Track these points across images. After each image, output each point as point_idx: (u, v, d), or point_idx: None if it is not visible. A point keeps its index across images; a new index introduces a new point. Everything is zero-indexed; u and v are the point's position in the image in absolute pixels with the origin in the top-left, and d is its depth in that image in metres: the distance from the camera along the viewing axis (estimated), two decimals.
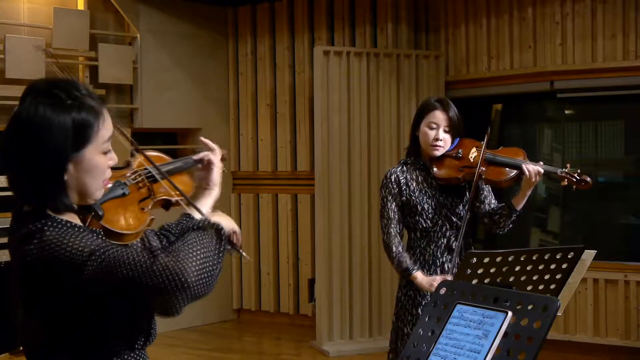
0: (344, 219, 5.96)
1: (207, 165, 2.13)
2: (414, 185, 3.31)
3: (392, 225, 3.28)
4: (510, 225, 3.30)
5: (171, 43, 6.60)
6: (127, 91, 6.50)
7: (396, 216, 3.29)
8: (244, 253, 2.02)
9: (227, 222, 1.89)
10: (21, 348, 1.81)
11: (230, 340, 6.45)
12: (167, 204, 2.04)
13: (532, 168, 3.17)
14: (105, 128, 1.67)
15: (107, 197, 1.80)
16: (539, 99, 6.12)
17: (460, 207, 3.28)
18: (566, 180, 3.21)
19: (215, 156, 2.14)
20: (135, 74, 6.40)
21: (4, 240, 1.72)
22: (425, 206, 3.29)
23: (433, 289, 3.08)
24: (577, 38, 5.67)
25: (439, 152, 3.29)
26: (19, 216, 1.69)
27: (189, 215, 1.99)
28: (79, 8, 6.25)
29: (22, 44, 5.73)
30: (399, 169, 3.36)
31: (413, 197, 3.29)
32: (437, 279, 3.14)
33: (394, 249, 3.26)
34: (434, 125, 3.27)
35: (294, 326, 6.68)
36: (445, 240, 3.29)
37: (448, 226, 3.29)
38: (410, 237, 3.37)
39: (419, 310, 3.23)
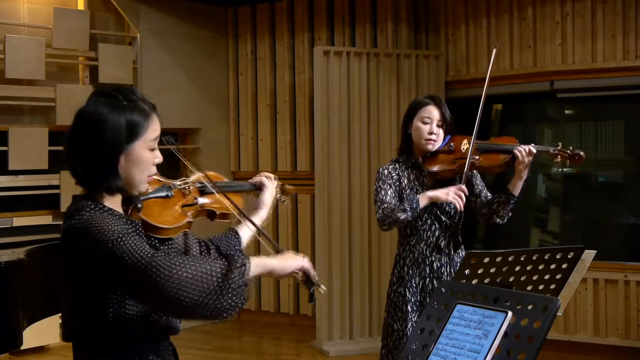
0: (344, 219, 5.96)
1: (260, 187, 2.55)
2: (406, 182, 3.32)
3: (386, 204, 3.24)
4: (509, 214, 3.30)
5: (171, 43, 6.60)
6: None
7: (392, 201, 3.24)
8: (322, 287, 2.06)
9: (284, 264, 2.02)
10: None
11: (230, 340, 6.45)
12: (211, 215, 2.27)
13: (524, 148, 3.17)
14: (153, 129, 1.93)
15: (151, 195, 2.04)
16: (539, 99, 6.11)
17: (451, 205, 3.29)
18: (559, 157, 3.20)
19: (269, 181, 2.57)
20: (135, 74, 6.40)
21: (4, 240, 1.75)
22: None
23: (450, 197, 3.12)
24: (577, 38, 5.67)
25: (432, 147, 3.30)
26: (73, 200, 1.94)
27: (234, 231, 2.37)
28: (79, 8, 6.26)
29: (22, 44, 5.74)
30: (392, 166, 3.36)
31: (404, 194, 3.29)
32: (452, 188, 3.15)
33: (394, 206, 3.20)
34: (428, 120, 3.29)
35: (294, 326, 6.68)
36: (434, 239, 3.29)
37: (437, 225, 3.29)
38: (400, 234, 3.37)
39: (409, 307, 3.24)
